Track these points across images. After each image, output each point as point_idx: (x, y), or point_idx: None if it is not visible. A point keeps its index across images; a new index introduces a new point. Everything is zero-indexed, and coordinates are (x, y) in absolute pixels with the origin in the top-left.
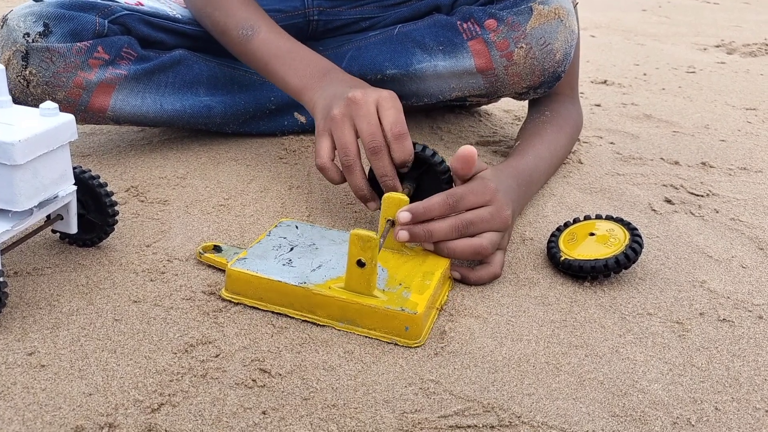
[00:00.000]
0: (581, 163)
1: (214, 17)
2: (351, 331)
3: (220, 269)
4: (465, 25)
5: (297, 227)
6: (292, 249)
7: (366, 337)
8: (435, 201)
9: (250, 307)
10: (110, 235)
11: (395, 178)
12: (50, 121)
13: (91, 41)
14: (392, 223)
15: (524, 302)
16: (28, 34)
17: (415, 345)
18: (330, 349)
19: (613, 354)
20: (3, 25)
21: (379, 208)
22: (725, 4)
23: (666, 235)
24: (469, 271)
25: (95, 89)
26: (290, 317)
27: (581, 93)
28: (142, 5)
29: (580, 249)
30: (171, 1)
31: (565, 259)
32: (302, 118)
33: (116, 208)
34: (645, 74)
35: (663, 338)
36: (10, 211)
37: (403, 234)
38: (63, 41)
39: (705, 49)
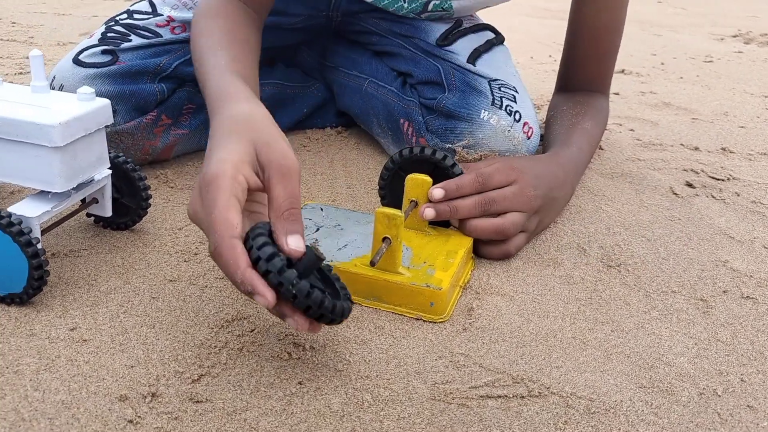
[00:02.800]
0: (602, 149)
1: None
2: (377, 307)
3: None
4: (405, 126)
5: (322, 209)
6: (318, 230)
7: (393, 313)
8: (466, 179)
9: None
10: (143, 218)
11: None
12: (87, 105)
13: (155, 112)
14: (416, 204)
15: (549, 281)
16: None
17: (440, 320)
18: (360, 324)
19: (638, 329)
20: None
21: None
22: None
23: (688, 217)
24: (482, 245)
25: (160, 151)
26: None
27: None
28: (173, 20)
29: None
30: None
31: None
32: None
33: (149, 192)
34: (662, 63)
35: (687, 314)
36: (49, 192)
37: (429, 212)
38: (129, 118)
39: (722, 39)
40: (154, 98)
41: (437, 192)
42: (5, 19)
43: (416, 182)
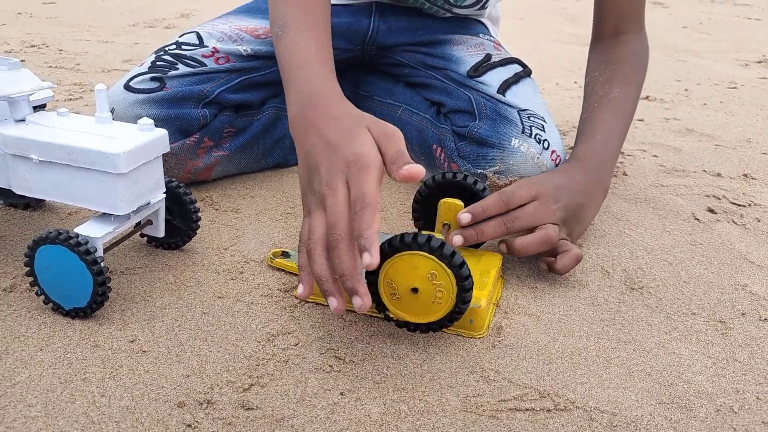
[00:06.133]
0: (626, 175)
1: (269, 6)
2: None
3: (290, 272)
4: (438, 151)
5: None
6: None
7: None
8: (490, 201)
9: (324, 303)
10: (192, 239)
11: (354, 277)
12: (148, 135)
13: (198, 134)
14: (449, 227)
15: (574, 302)
16: None
17: (479, 336)
18: (397, 340)
19: (659, 349)
20: None
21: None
22: (767, 20)
23: (709, 242)
24: (554, 262)
25: (201, 171)
26: (359, 313)
27: None
28: (218, 51)
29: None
30: (241, 40)
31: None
32: None
33: (199, 214)
34: (686, 90)
35: (707, 335)
36: (111, 215)
37: (458, 239)
38: (173, 140)
39: (746, 65)
40: (197, 122)
41: (464, 216)
42: (52, 46)
43: (449, 206)
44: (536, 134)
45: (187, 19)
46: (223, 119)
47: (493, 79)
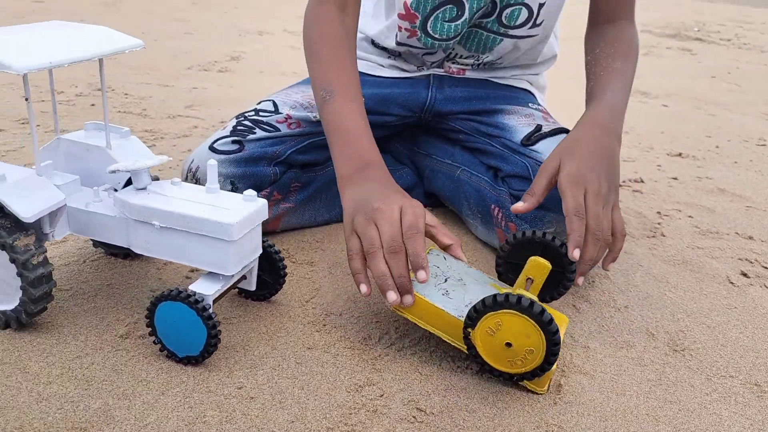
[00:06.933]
0: (664, 236)
1: (310, 67)
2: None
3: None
4: (496, 211)
5: (445, 258)
6: (446, 280)
7: (499, 385)
8: (575, 227)
9: (400, 356)
10: (278, 292)
11: (408, 279)
12: (252, 205)
13: (268, 189)
14: (531, 281)
15: (623, 362)
16: None
17: (541, 391)
18: (469, 395)
19: (701, 409)
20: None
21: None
22: None
23: (743, 306)
24: (613, 254)
25: (270, 221)
26: (435, 366)
27: (658, 165)
28: (290, 117)
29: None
30: (312, 107)
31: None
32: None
33: (286, 270)
34: (717, 147)
35: (744, 397)
36: (220, 274)
37: (581, 279)
38: None
39: None
40: (269, 179)
41: (576, 253)
42: (118, 90)
43: (537, 264)
44: None
45: (237, 62)
46: (290, 175)
47: (545, 148)
